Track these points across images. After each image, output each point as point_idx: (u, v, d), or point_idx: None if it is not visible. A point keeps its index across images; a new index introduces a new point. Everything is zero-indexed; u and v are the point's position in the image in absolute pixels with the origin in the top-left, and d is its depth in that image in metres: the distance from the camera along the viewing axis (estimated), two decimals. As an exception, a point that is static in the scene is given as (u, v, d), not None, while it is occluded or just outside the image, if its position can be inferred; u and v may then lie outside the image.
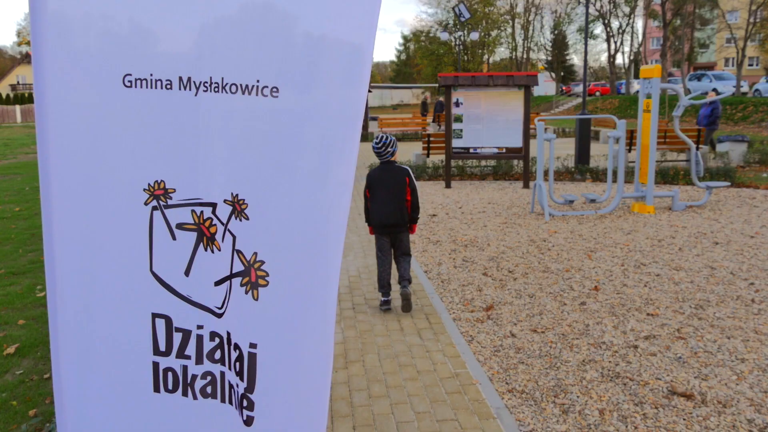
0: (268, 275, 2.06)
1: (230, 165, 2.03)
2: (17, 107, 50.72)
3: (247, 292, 2.07)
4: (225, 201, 2.06)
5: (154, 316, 2.15)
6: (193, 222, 2.08)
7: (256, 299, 2.07)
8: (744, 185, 12.34)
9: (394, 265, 5.91)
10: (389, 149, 5.56)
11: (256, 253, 2.06)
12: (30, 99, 56.76)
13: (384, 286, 5.68)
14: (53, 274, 2.12)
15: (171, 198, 2.07)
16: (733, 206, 10.28)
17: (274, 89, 1.99)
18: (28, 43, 73.66)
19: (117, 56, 2.01)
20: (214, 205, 2.06)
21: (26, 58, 69.66)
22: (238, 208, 2.05)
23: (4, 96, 58.69)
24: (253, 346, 2.09)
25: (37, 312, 5.78)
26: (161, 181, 2.06)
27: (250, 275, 2.06)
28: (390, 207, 5.53)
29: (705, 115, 16.05)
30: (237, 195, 2.04)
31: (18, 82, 68.18)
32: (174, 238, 2.09)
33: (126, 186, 2.07)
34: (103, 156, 2.06)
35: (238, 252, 2.07)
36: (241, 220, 2.05)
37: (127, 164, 2.06)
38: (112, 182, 2.07)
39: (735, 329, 5.04)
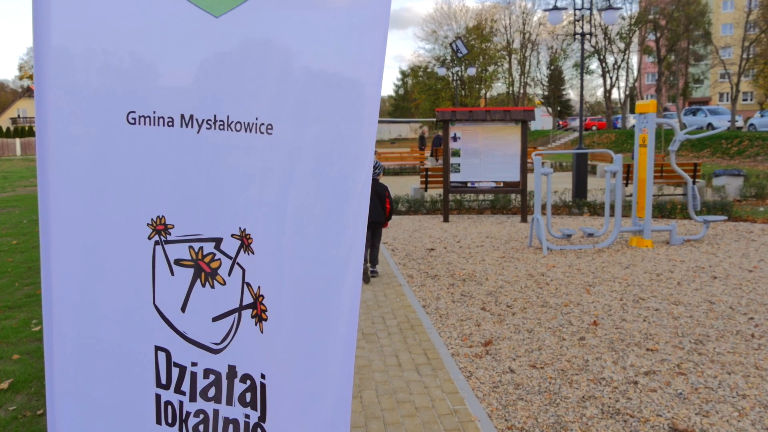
0: (267, 310, 2.08)
1: (237, 200, 2.06)
2: (17, 140, 50.99)
3: (255, 324, 2.11)
4: (233, 235, 2.08)
5: (157, 348, 2.14)
6: (190, 258, 2.09)
7: (262, 332, 2.10)
8: (741, 219, 12.38)
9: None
10: (375, 170, 7.57)
11: (259, 287, 2.09)
12: (30, 132, 57.11)
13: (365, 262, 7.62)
14: (50, 308, 2.11)
15: (170, 234, 2.08)
16: (731, 240, 10.29)
17: (269, 126, 2.02)
18: (29, 77, 74.48)
19: (120, 93, 2.03)
20: (218, 240, 2.08)
21: (27, 92, 70.27)
22: (246, 242, 2.07)
23: (4, 129, 59.04)
24: (263, 376, 2.12)
25: (32, 347, 5.72)
26: (162, 216, 2.08)
27: (257, 307, 2.09)
28: (374, 210, 7.89)
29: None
30: (245, 229, 2.07)
31: (18, 115, 68.64)
32: (172, 273, 2.10)
33: (129, 220, 2.08)
34: (105, 191, 2.06)
35: (248, 285, 2.10)
36: (248, 254, 2.08)
37: (129, 199, 2.07)
38: (115, 217, 2.07)
39: (735, 365, 5.00)
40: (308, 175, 2.03)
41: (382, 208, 8.00)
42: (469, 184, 13.33)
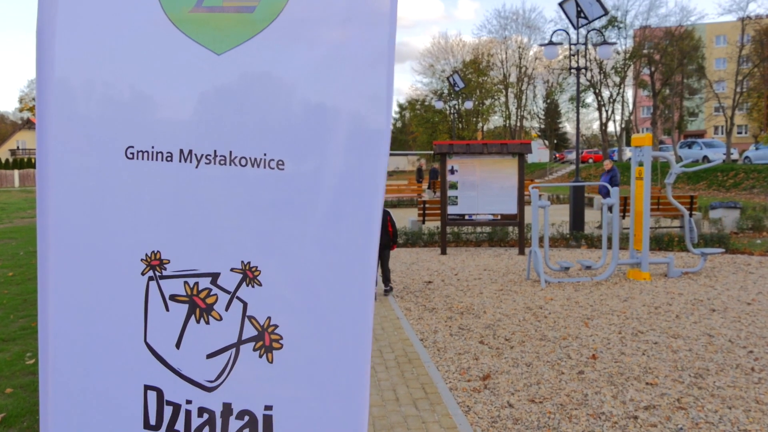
0: (281, 338, 2.08)
1: (239, 234, 2.07)
2: (16, 172, 51.14)
3: (261, 356, 2.08)
4: (233, 269, 2.07)
5: (146, 387, 2.11)
6: (185, 294, 2.09)
7: (271, 362, 2.08)
8: (738, 251, 12.39)
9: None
10: None
11: (269, 318, 2.08)
12: (29, 164, 57.31)
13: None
14: (46, 341, 2.09)
15: (165, 269, 2.08)
16: (729, 273, 10.29)
17: (280, 162, 2.03)
18: (30, 109, 75.02)
19: (120, 126, 2.04)
20: (214, 275, 2.08)
21: (27, 124, 70.72)
22: (250, 275, 2.07)
23: (3, 161, 59.23)
24: (268, 408, 2.09)
25: (25, 380, 5.66)
26: (157, 251, 2.08)
27: (264, 339, 2.08)
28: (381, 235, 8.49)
29: (605, 182, 16.06)
30: (249, 263, 2.07)
31: (18, 147, 68.97)
32: (167, 309, 2.09)
33: (123, 255, 2.08)
34: (102, 224, 2.07)
35: (251, 318, 2.09)
36: (253, 286, 2.07)
37: (125, 234, 2.07)
38: (110, 251, 2.08)
39: (736, 399, 4.96)
40: (320, 208, 2.05)
41: (386, 232, 8.86)
42: (466, 217, 13.35)
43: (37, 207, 2.07)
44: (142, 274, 2.08)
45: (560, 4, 17.89)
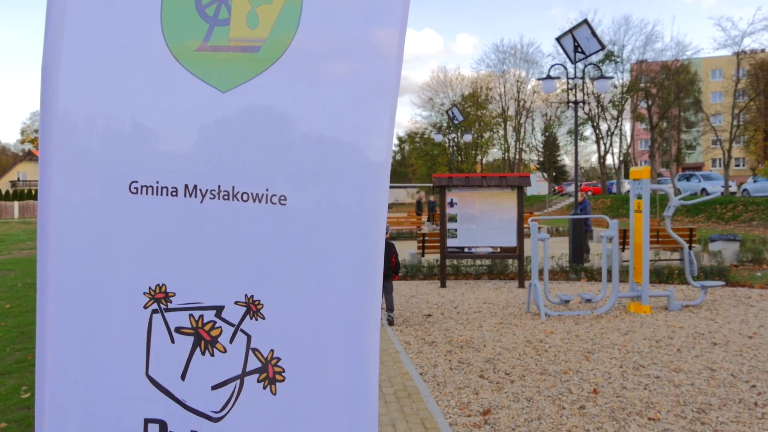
0: (284, 371, 2.08)
1: (243, 268, 2.07)
2: (15, 203, 51.23)
3: (265, 388, 2.08)
4: (236, 303, 2.08)
5: (147, 421, 2.10)
6: (190, 326, 2.09)
7: (275, 394, 2.08)
8: (739, 284, 12.36)
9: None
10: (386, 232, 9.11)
11: (272, 350, 2.08)
12: (29, 195, 57.46)
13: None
14: (44, 375, 2.08)
15: (171, 302, 2.09)
16: (730, 306, 10.25)
17: (282, 197, 2.05)
18: (31, 141, 75.50)
19: (123, 161, 2.06)
20: (219, 308, 2.09)
21: (28, 156, 71.09)
22: (253, 308, 2.08)
23: (3, 192, 59.37)
24: None
25: (20, 414, 5.60)
26: (162, 284, 2.08)
27: (268, 371, 2.08)
28: (384, 265, 8.68)
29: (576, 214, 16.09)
30: (252, 296, 2.08)
31: (18, 178, 69.23)
32: (173, 341, 2.09)
33: (126, 290, 2.08)
34: (105, 258, 2.07)
35: (254, 350, 2.09)
36: (257, 319, 2.08)
37: (128, 268, 2.08)
38: (112, 286, 2.08)
39: (739, 435, 4.90)
40: (322, 242, 2.06)
41: (389, 262, 9.38)
42: (466, 250, 13.35)
43: (38, 239, 2.08)
44: (145, 307, 2.08)
45: (557, 39, 18.15)
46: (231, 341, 2.09)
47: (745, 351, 7.37)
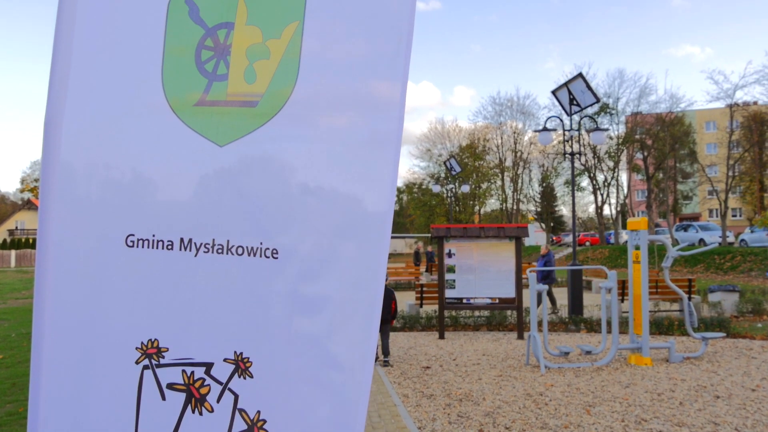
0: None
1: (233, 324, 2.03)
2: (12, 252, 51.06)
3: None
4: (225, 360, 2.03)
5: None
6: (182, 382, 2.04)
7: None
8: (740, 336, 12.25)
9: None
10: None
11: (259, 412, 2.02)
12: (27, 244, 57.30)
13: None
14: (35, 430, 2.04)
15: (164, 357, 2.05)
16: (731, 358, 10.14)
17: (274, 251, 2.02)
18: (31, 190, 75.72)
19: (121, 213, 2.06)
20: (208, 365, 2.03)
21: (27, 204, 71.20)
22: (242, 366, 2.02)
23: (1, 241, 59.25)
24: None
25: (9, 471, 5.46)
26: (155, 339, 2.05)
27: None
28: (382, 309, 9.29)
29: (540, 266, 16.05)
30: (241, 353, 2.02)
31: (17, 227, 69.17)
32: (164, 398, 2.04)
33: (119, 345, 2.05)
34: (99, 312, 2.05)
35: (241, 411, 2.02)
36: (245, 378, 2.02)
37: (122, 322, 2.06)
38: (105, 340, 2.05)
39: (745, 492, 4.78)
40: (315, 297, 2.01)
41: (388, 308, 9.87)
42: (464, 300, 13.27)
43: (34, 289, 2.07)
44: (137, 363, 2.05)
45: (553, 92, 18.43)
46: (218, 400, 2.03)
47: (749, 404, 7.26)
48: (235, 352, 2.02)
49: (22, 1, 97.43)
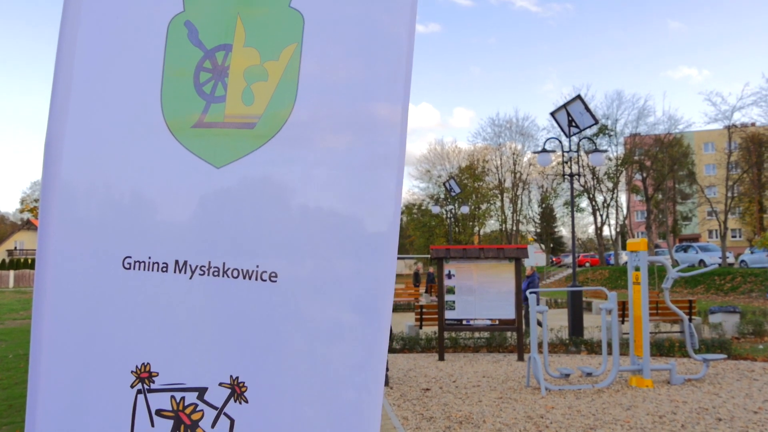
0: None
1: (229, 348, 1.99)
2: (11, 272, 50.93)
3: None
4: (221, 384, 1.99)
5: None
6: (171, 409, 2.01)
7: None
8: (741, 357, 12.19)
9: None
10: None
11: None
12: (25, 264, 57.22)
13: None
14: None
15: (154, 382, 2.02)
16: (733, 379, 10.07)
17: (273, 274, 1.99)
18: (30, 210, 75.80)
19: (119, 234, 2.05)
20: (202, 390, 2.00)
21: (26, 225, 71.24)
22: (237, 390, 1.98)
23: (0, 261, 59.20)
24: None
25: (3, 495, 5.39)
26: (147, 363, 2.02)
27: None
28: None
29: (524, 287, 15.98)
30: (237, 378, 1.98)
31: (15, 247, 69.14)
32: (153, 425, 2.01)
33: (115, 367, 2.03)
34: (97, 334, 2.04)
35: None
36: (240, 403, 1.97)
37: (118, 344, 2.04)
38: (102, 363, 2.03)
39: None
40: (317, 322, 1.96)
41: None
42: (464, 322, 13.21)
43: (33, 308, 2.05)
44: (132, 386, 2.03)
45: (552, 114, 18.53)
46: (213, 425, 1.98)
47: (751, 427, 7.19)
48: (231, 376, 1.99)
49: (24, 20, 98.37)
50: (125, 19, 2.19)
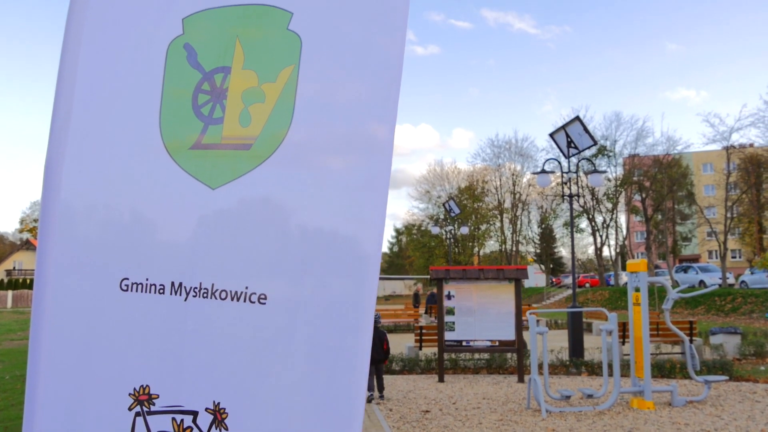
0: None
1: (214, 372, 1.97)
2: (9, 293, 50.70)
3: None
4: (206, 409, 1.97)
5: None
6: (172, 430, 1.99)
7: None
8: (743, 379, 12.10)
9: None
10: (376, 322, 9.97)
11: None
12: (24, 284, 57.02)
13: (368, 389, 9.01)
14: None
15: (154, 404, 2.00)
16: (735, 401, 9.99)
17: (262, 296, 1.98)
18: (30, 230, 75.72)
19: (117, 255, 2.05)
20: (194, 413, 1.98)
21: (25, 245, 71.12)
22: (218, 417, 1.95)
23: (-2, 280, 59.05)
24: None
25: None
26: (146, 386, 2.01)
27: None
28: (375, 349, 9.26)
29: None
30: (219, 403, 1.96)
31: (14, 267, 68.94)
32: None
33: (112, 390, 2.02)
34: (94, 355, 2.03)
35: None
36: (220, 430, 1.95)
37: (115, 367, 2.02)
38: (100, 385, 2.02)
39: None
40: (302, 344, 1.94)
41: (381, 348, 10.56)
42: (464, 343, 13.14)
43: (30, 330, 2.04)
44: (129, 409, 2.01)
45: (551, 135, 18.60)
46: None
47: (754, 450, 7.12)
48: (214, 402, 1.96)
49: (26, 41, 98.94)
50: (126, 41, 2.21)
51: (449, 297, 13.25)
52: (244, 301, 1.97)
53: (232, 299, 1.97)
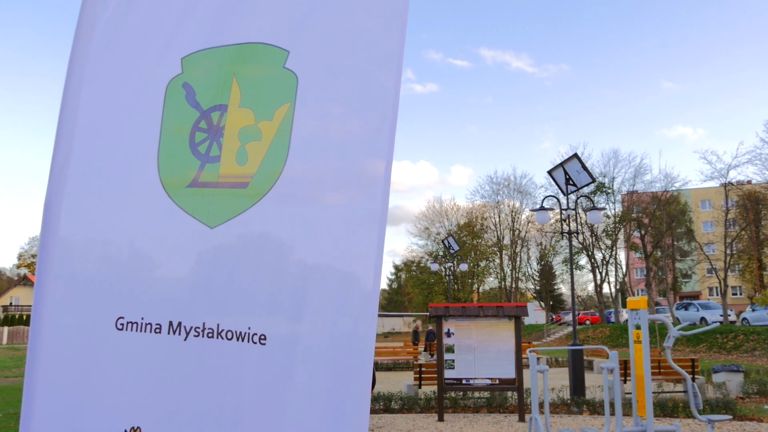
0: None
1: (212, 413, 1.94)
2: (5, 329, 50.31)
3: None
4: None
5: None
6: None
7: None
8: (747, 418, 11.93)
9: None
10: None
11: None
12: (20, 320, 56.58)
13: None
14: None
15: None
16: (739, 442, 9.83)
17: (262, 337, 1.96)
18: (28, 266, 75.50)
19: (113, 293, 2.04)
20: None
21: (23, 280, 70.81)
22: None
23: (-6, 316, 58.62)
24: None
25: None
26: (137, 427, 1.97)
27: None
28: None
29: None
30: None
31: (11, 303, 68.51)
32: None
33: (106, 430, 1.98)
34: (88, 395, 2.00)
35: None
36: None
37: (109, 407, 1.99)
38: (93, 425, 1.99)
39: None
40: (303, 385, 1.92)
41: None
42: (464, 381, 12.99)
43: (26, 368, 2.02)
44: None
45: (549, 172, 18.69)
46: None
47: (759, 492, 6.99)
48: None
49: (27, 75, 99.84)
50: (127, 80, 2.24)
51: (449, 334, 13.15)
52: (248, 341, 1.95)
53: (238, 339, 1.95)
